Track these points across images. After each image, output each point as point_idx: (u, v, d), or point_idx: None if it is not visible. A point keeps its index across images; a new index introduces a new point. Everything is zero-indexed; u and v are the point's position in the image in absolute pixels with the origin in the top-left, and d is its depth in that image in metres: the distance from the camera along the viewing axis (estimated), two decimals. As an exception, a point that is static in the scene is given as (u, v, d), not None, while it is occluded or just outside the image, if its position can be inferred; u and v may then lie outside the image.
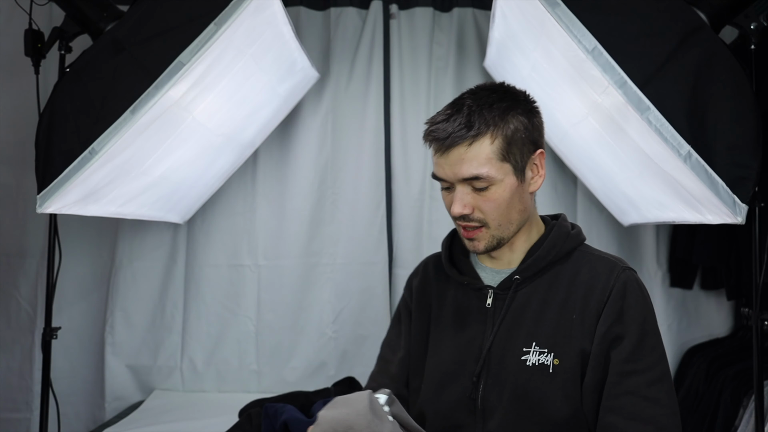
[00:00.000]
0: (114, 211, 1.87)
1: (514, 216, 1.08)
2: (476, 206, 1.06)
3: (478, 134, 1.03)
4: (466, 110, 1.04)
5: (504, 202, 1.05)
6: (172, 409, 2.18)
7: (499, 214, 1.06)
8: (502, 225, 1.07)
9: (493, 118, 1.04)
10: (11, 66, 2.35)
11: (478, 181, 1.03)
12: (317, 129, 2.45)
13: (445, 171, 1.05)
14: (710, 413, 2.09)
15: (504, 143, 1.04)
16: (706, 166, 1.39)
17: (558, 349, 1.05)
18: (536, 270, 1.11)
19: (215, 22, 1.52)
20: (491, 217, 1.06)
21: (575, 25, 1.39)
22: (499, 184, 1.04)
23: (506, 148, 1.04)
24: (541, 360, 1.04)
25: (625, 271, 1.08)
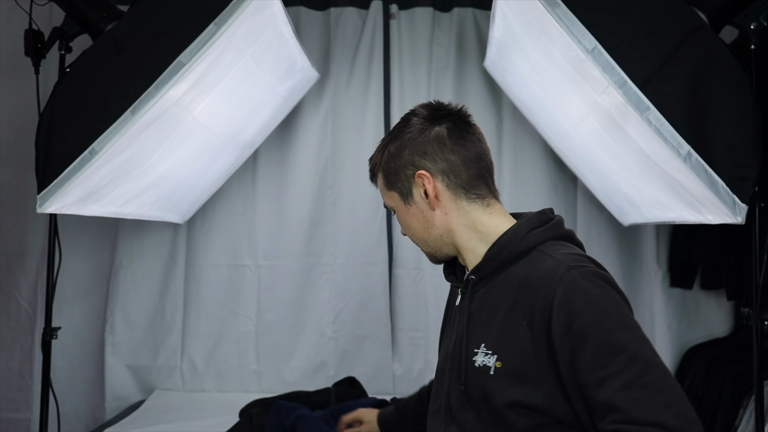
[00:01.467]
0: (114, 211, 1.87)
1: (421, 235, 1.15)
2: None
3: (373, 174, 1.20)
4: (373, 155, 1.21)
5: (405, 224, 1.17)
6: (172, 409, 2.19)
7: (410, 234, 1.17)
8: (420, 243, 1.17)
9: (375, 157, 1.19)
10: (11, 66, 2.35)
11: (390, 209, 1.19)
12: (317, 129, 2.45)
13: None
14: (710, 413, 2.09)
15: (384, 175, 1.16)
16: (706, 166, 1.39)
17: (501, 352, 1.00)
18: (490, 270, 1.07)
19: (215, 22, 1.52)
20: (411, 237, 1.18)
21: (575, 25, 1.39)
22: (397, 210, 1.17)
23: (387, 178, 1.15)
24: (485, 361, 1.01)
25: (569, 271, 0.96)
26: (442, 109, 1.14)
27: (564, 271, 0.97)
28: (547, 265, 1.00)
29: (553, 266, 0.99)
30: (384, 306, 2.41)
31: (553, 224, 1.09)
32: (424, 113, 1.13)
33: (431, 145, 1.10)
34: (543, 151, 2.44)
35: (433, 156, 1.10)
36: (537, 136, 2.36)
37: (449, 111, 1.14)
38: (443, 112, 1.13)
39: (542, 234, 1.06)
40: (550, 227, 1.08)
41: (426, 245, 1.16)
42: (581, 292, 0.94)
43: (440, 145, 1.10)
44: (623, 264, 2.44)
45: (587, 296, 0.94)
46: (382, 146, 1.16)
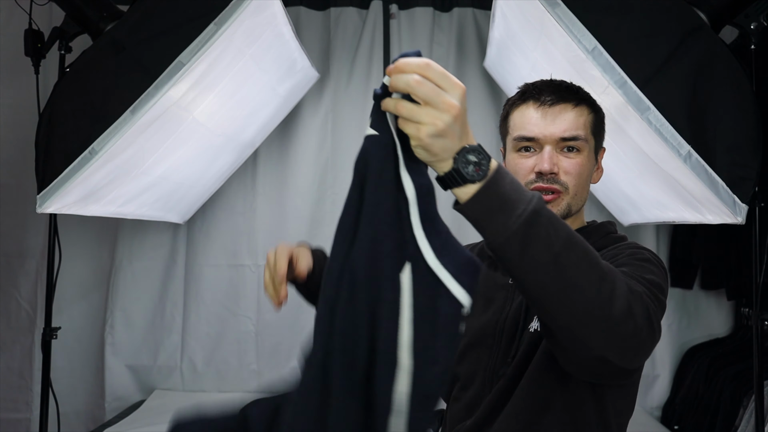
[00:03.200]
0: (114, 211, 1.87)
1: (585, 191, 1.09)
2: (563, 169, 1.06)
3: (582, 100, 1.08)
4: (567, 82, 1.10)
5: (585, 172, 1.08)
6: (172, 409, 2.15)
7: (579, 183, 1.07)
8: (578, 194, 1.08)
9: (590, 96, 1.10)
10: (11, 66, 2.35)
11: (574, 142, 1.05)
12: (317, 129, 2.45)
13: (541, 128, 1.05)
14: (710, 413, 2.09)
15: (596, 120, 1.09)
16: (706, 166, 1.39)
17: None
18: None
19: (215, 22, 1.52)
20: (573, 182, 1.06)
21: (575, 25, 1.39)
22: (586, 153, 1.07)
23: (597, 124, 1.09)
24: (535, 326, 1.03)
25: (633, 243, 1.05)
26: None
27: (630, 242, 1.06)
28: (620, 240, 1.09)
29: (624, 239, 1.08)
30: (384, 306, 2.41)
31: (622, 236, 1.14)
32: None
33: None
34: (543, 151, 2.44)
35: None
36: (537, 136, 2.36)
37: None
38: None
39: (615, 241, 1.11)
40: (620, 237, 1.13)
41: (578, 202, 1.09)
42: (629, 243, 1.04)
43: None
44: (623, 264, 2.44)
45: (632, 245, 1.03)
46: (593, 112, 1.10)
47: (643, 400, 2.41)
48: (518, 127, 1.08)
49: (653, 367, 2.41)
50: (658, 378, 2.41)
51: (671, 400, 2.37)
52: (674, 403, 2.34)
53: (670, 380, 2.41)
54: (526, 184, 1.06)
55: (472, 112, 2.45)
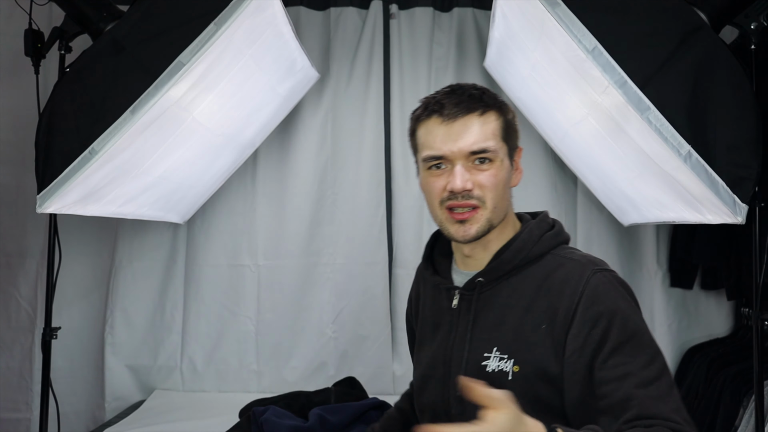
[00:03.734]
0: (114, 211, 1.87)
1: (504, 201, 1.06)
2: (476, 183, 1.02)
3: (488, 107, 1.04)
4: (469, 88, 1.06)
5: (501, 182, 1.04)
6: (172, 409, 2.18)
7: (496, 194, 1.03)
8: (497, 207, 1.04)
9: (496, 100, 1.07)
10: (11, 66, 2.35)
11: (485, 154, 1.02)
12: (317, 129, 2.45)
13: (448, 145, 1.01)
14: (710, 413, 2.09)
15: (504, 124, 1.06)
16: (706, 166, 1.39)
17: (518, 355, 0.99)
18: (501, 273, 1.05)
19: (215, 22, 1.52)
20: (490, 195, 1.02)
21: (575, 25, 1.39)
22: (499, 162, 1.04)
23: (506, 129, 1.06)
24: (501, 366, 0.99)
25: (596, 274, 0.98)
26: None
27: (590, 274, 0.98)
28: (569, 269, 1.01)
29: (577, 270, 1.00)
30: (384, 306, 2.41)
31: (559, 229, 1.10)
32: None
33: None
34: (543, 151, 2.44)
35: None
36: (537, 136, 2.36)
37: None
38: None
39: (553, 239, 1.07)
40: (558, 232, 1.09)
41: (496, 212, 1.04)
42: (609, 294, 0.97)
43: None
44: (623, 264, 2.44)
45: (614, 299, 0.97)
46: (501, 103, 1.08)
47: (643, 400, 2.41)
48: (426, 145, 1.04)
49: (653, 367, 2.41)
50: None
51: (671, 400, 2.37)
52: (674, 403, 2.33)
53: (670, 380, 2.41)
54: (440, 203, 1.03)
55: (472, 112, 2.45)
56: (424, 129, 1.05)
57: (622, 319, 0.95)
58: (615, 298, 0.97)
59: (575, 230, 2.45)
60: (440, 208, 1.04)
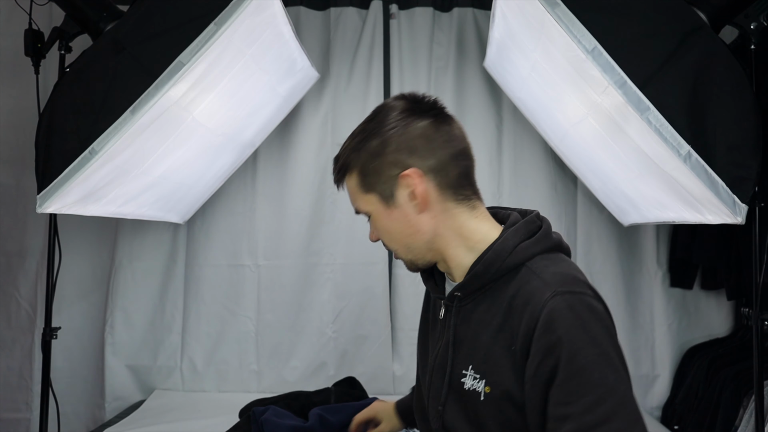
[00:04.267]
0: (114, 211, 1.87)
1: (405, 241, 1.04)
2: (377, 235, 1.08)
3: (342, 174, 1.07)
4: (339, 151, 1.08)
5: (386, 230, 1.05)
6: (172, 409, 2.18)
7: (393, 241, 1.06)
8: (401, 250, 1.06)
9: (348, 155, 1.05)
10: (11, 66, 2.35)
11: (361, 213, 1.08)
12: (317, 129, 2.45)
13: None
14: (710, 413, 2.09)
15: (360, 175, 1.04)
16: (706, 166, 1.39)
17: (489, 377, 0.95)
18: (476, 287, 1.00)
19: (215, 22, 1.52)
20: (387, 243, 1.07)
21: (575, 25, 1.39)
22: (375, 215, 1.05)
23: (364, 179, 1.03)
24: (474, 386, 0.97)
25: (555, 297, 0.89)
26: (421, 102, 1.04)
27: (549, 297, 0.90)
28: (532, 288, 0.93)
29: (539, 290, 0.92)
30: (384, 306, 2.41)
31: (541, 235, 1.00)
32: (402, 106, 1.03)
33: (419, 140, 0.99)
34: (543, 151, 2.44)
35: (421, 153, 0.99)
36: (537, 136, 2.36)
37: (429, 103, 1.04)
38: (423, 105, 1.03)
39: (530, 248, 0.98)
40: (539, 239, 1.00)
41: (408, 252, 1.05)
42: (562, 322, 0.88)
43: (428, 140, 0.99)
44: (623, 264, 2.45)
45: (567, 327, 0.87)
46: (357, 144, 1.03)
47: (643, 400, 2.41)
48: None
49: (653, 367, 2.41)
50: (658, 378, 2.41)
51: (671, 400, 2.37)
52: (674, 403, 2.34)
53: (670, 380, 2.41)
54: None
55: (472, 112, 2.46)
56: None
57: (570, 352, 0.86)
58: (568, 327, 0.87)
59: (575, 230, 2.45)
60: None
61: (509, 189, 2.43)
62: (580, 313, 0.89)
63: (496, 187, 2.45)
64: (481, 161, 2.44)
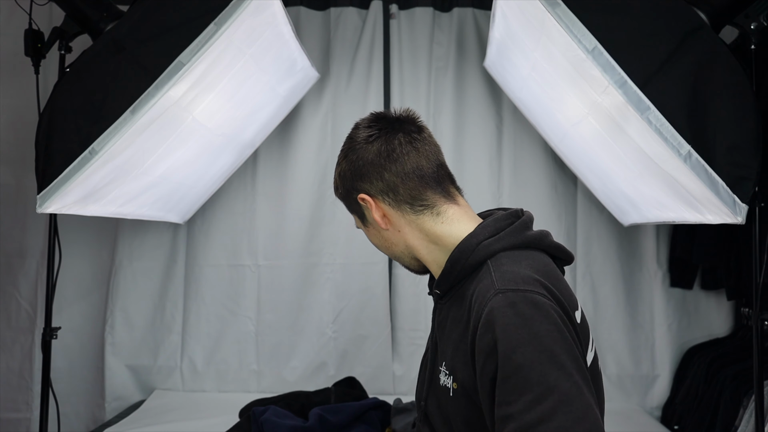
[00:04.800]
0: (114, 211, 1.87)
1: (387, 252, 1.15)
2: None
3: (337, 194, 1.17)
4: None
5: (372, 243, 1.18)
6: (172, 409, 2.19)
7: (380, 245, 1.15)
8: (393, 258, 1.16)
9: (335, 179, 1.16)
10: (11, 66, 2.35)
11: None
12: (317, 129, 2.45)
13: None
14: (710, 413, 2.09)
15: (342, 199, 1.15)
16: (706, 166, 1.39)
17: (456, 373, 0.96)
18: (448, 285, 1.03)
19: (215, 22, 1.52)
20: (379, 247, 1.17)
21: (575, 25, 1.39)
22: (363, 230, 1.17)
23: (344, 202, 1.15)
24: (445, 382, 0.98)
25: (497, 296, 0.88)
26: (379, 121, 1.10)
27: (491, 295, 0.89)
28: (483, 285, 0.93)
29: (486, 288, 0.92)
30: (384, 306, 2.41)
31: (509, 232, 0.99)
32: (363, 130, 1.11)
33: (366, 166, 1.06)
34: (543, 151, 2.45)
35: (369, 178, 1.05)
36: (537, 136, 2.36)
37: (387, 122, 1.09)
38: (379, 124, 1.09)
39: (492, 245, 0.97)
40: (504, 236, 0.99)
41: (396, 259, 1.15)
42: (501, 321, 0.86)
43: (374, 165, 1.05)
44: (623, 264, 2.45)
45: (505, 326, 0.86)
46: (335, 169, 1.15)
47: (643, 400, 2.41)
48: None
49: (653, 367, 2.41)
50: (658, 378, 2.41)
51: (671, 400, 2.37)
52: (674, 403, 2.34)
53: (670, 380, 2.41)
54: None
55: (472, 112, 2.46)
56: None
57: (507, 351, 0.84)
58: (506, 325, 0.86)
59: (575, 230, 2.45)
60: None
61: (509, 189, 2.43)
62: (521, 311, 0.86)
63: (496, 187, 2.45)
64: (481, 161, 2.46)
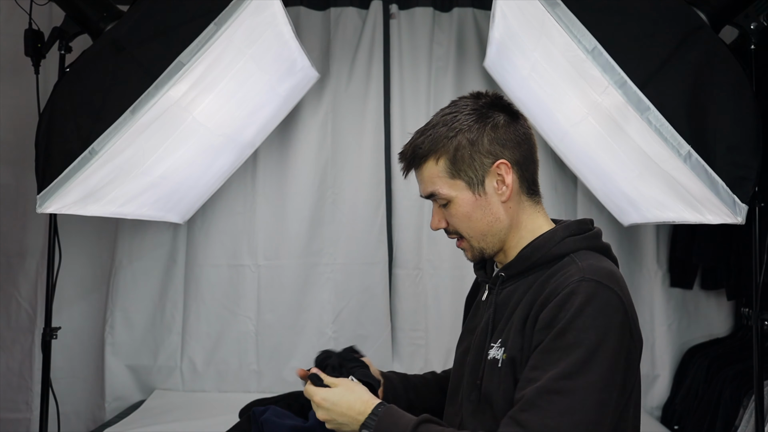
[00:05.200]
0: (114, 211, 1.87)
1: (482, 228, 1.09)
2: (447, 220, 1.11)
3: (423, 157, 1.09)
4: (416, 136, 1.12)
5: (465, 216, 1.09)
6: (172, 409, 2.18)
7: (467, 227, 1.09)
8: (475, 237, 1.10)
9: (434, 142, 1.08)
10: (11, 66, 2.35)
11: (436, 198, 1.10)
12: (317, 129, 2.45)
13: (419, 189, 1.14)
14: (710, 413, 2.09)
15: (448, 161, 1.08)
16: (706, 166, 1.39)
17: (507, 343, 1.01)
18: (520, 269, 1.07)
19: (215, 22, 1.52)
20: (461, 229, 1.10)
21: (575, 25, 1.39)
22: (455, 200, 1.08)
23: (452, 166, 1.08)
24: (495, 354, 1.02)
25: (582, 282, 0.94)
26: (498, 100, 1.13)
27: (576, 280, 0.95)
28: (568, 271, 0.99)
29: (572, 273, 0.97)
30: (384, 306, 2.41)
31: (591, 235, 1.08)
32: (487, 101, 1.12)
33: (510, 135, 1.08)
34: (543, 151, 2.44)
35: (512, 147, 1.08)
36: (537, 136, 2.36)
37: (503, 102, 1.14)
38: (500, 102, 1.13)
39: (579, 242, 1.05)
40: (588, 237, 1.07)
41: (482, 239, 1.10)
42: (576, 303, 0.92)
43: (516, 136, 1.09)
44: (623, 264, 2.44)
45: (578, 308, 0.92)
46: (446, 133, 1.07)
47: (643, 400, 2.40)
48: None
49: (653, 367, 2.41)
50: (658, 378, 2.41)
51: (671, 400, 2.37)
52: (674, 403, 2.34)
53: (670, 380, 2.41)
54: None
55: (472, 112, 2.45)
56: None
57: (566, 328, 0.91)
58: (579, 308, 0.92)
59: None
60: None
61: (509, 189, 2.43)
62: (598, 303, 0.92)
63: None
64: (481, 161, 2.46)
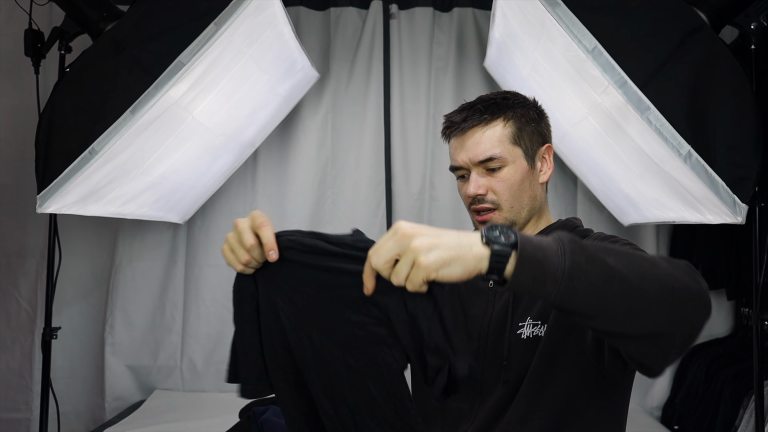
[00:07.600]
0: (114, 211, 1.87)
1: (524, 200, 1.12)
2: (490, 188, 1.11)
3: (492, 118, 1.11)
4: (480, 103, 1.14)
5: (516, 183, 1.11)
6: (172, 409, 2.18)
7: (511, 196, 1.11)
8: (514, 207, 1.12)
9: (505, 107, 1.13)
10: (11, 66, 2.35)
11: (492, 161, 1.10)
12: (317, 129, 2.45)
13: (461, 156, 1.12)
14: (710, 413, 2.09)
15: (515, 128, 1.12)
16: (706, 166, 1.39)
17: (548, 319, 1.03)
18: None
19: (215, 22, 1.52)
20: (504, 197, 1.11)
21: (575, 25, 1.39)
22: (511, 165, 1.11)
23: (517, 132, 1.11)
24: (534, 332, 1.03)
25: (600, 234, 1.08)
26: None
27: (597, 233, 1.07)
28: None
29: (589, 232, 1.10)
30: (384, 306, 2.41)
31: (578, 232, 1.14)
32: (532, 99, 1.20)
33: (550, 130, 1.19)
34: (543, 151, 2.44)
35: (550, 140, 1.18)
36: (537, 136, 2.36)
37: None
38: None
39: (585, 231, 1.13)
40: (586, 231, 1.14)
41: (511, 209, 1.12)
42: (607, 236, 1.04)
43: (550, 133, 1.19)
44: (623, 264, 2.44)
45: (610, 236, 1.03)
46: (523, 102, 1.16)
47: (643, 400, 2.41)
48: (450, 158, 1.16)
49: (653, 367, 2.41)
50: (658, 378, 2.41)
51: (671, 400, 2.37)
52: (674, 403, 2.34)
53: (670, 380, 2.41)
54: (468, 206, 1.15)
55: (472, 112, 2.45)
56: (449, 144, 1.17)
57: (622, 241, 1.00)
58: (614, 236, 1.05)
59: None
60: (469, 211, 1.16)
61: (509, 189, 2.44)
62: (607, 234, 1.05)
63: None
64: (481, 161, 2.46)
